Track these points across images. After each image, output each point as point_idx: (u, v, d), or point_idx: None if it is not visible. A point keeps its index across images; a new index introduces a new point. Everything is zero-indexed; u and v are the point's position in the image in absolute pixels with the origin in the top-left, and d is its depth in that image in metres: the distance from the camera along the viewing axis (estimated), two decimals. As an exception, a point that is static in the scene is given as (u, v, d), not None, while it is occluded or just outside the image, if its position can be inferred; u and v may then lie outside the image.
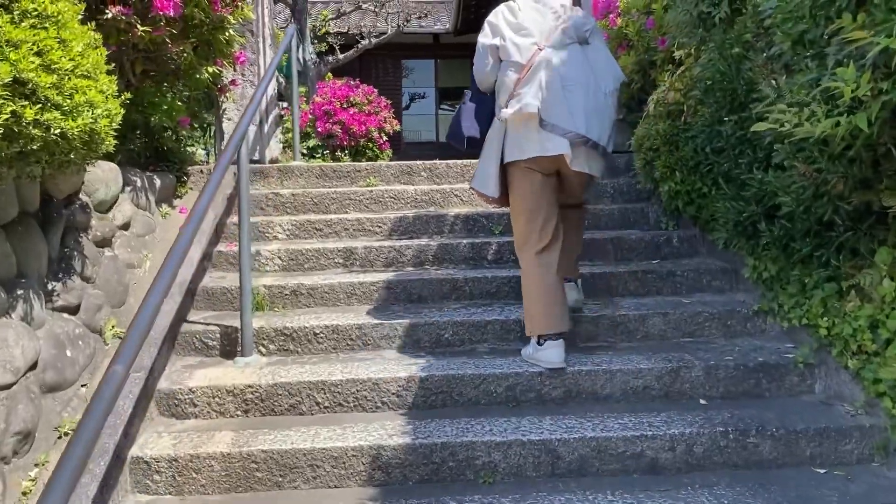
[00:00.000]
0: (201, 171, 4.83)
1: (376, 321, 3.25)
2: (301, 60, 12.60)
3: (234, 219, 4.45)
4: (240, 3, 4.73)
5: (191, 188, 4.77)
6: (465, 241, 4.00)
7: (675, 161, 3.99)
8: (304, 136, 12.27)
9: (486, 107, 3.09)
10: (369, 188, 4.72)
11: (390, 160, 12.96)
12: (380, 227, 4.26)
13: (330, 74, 14.33)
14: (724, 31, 3.34)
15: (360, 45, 12.33)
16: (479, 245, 3.98)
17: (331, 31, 13.04)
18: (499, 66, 2.97)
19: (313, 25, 12.84)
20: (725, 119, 3.30)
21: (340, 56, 12.32)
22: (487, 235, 4.22)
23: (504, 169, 2.99)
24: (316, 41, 13.18)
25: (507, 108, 2.90)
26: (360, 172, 4.93)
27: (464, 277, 3.62)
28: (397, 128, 12.68)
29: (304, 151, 12.08)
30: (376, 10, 12.71)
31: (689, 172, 3.96)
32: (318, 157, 12.01)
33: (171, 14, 3.83)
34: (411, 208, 4.57)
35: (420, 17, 13.49)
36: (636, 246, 4.01)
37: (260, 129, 5.28)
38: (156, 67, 4.36)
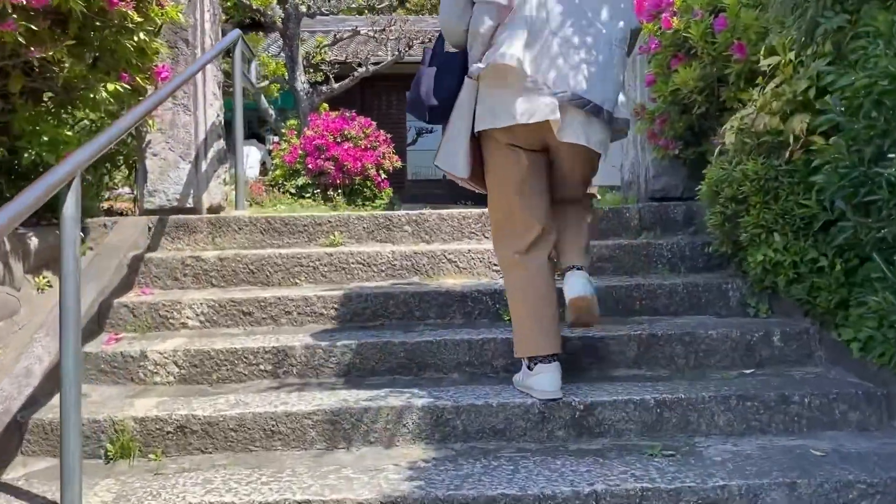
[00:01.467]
0: (105, 224, 3.54)
1: (308, 498, 1.89)
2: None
3: (134, 295, 3.14)
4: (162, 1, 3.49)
5: (90, 247, 3.49)
6: (459, 337, 2.66)
7: (774, 217, 2.66)
8: (293, 174, 11.05)
9: (454, 67, 2.41)
10: (331, 249, 3.40)
11: (390, 200, 11.71)
12: (336, 308, 2.93)
13: (325, 105, 13.20)
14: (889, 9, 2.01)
15: (356, 74, 11.16)
16: (479, 344, 2.63)
17: (326, 59, 11.90)
18: (471, 9, 2.33)
19: (306, 52, 11.70)
20: (891, 155, 1.96)
21: (335, 85, 11.15)
22: (493, 324, 2.89)
23: (478, 141, 2.38)
24: (311, 70, 12.04)
25: (478, 62, 2.30)
26: (322, 227, 3.62)
27: (454, 405, 2.26)
28: (398, 164, 11.41)
29: (293, 191, 10.85)
30: (376, 35, 11.57)
31: (799, 235, 2.62)
32: (308, 197, 10.74)
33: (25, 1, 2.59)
34: (386, 278, 3.25)
35: (424, 43, 12.34)
36: (717, 346, 2.65)
37: (195, 166, 4.01)
38: (46, 84, 3.13)
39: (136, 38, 3.31)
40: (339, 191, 10.90)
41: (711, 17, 3.34)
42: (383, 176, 11.05)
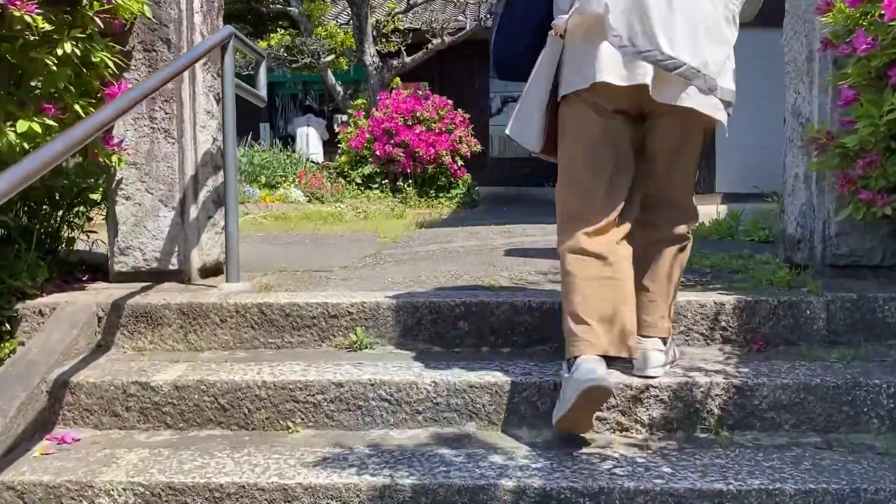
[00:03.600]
0: (41, 311, 2.53)
1: None
2: (362, 64, 10.34)
3: (39, 454, 2.11)
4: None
5: (22, 342, 2.50)
6: None
7: None
8: (359, 161, 9.96)
9: (536, 14, 2.06)
10: (345, 367, 2.26)
11: (468, 190, 10.47)
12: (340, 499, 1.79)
13: (398, 80, 11.99)
14: None
15: (430, 46, 9.89)
16: None
17: (400, 28, 10.67)
18: None
19: (377, 21, 10.50)
20: None
21: (408, 59, 9.94)
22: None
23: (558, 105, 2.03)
24: (382, 40, 10.85)
25: (564, 12, 1.96)
26: (339, 319, 2.47)
27: None
28: (476, 148, 10.18)
29: (359, 181, 9.78)
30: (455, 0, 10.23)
31: None
32: (376, 188, 9.63)
33: None
34: (424, 424, 2.09)
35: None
36: None
37: (182, 213, 2.94)
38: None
39: (64, 50, 2.22)
40: (410, 181, 9.76)
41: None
42: (460, 163, 9.84)
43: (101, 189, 3.10)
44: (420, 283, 2.94)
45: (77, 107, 2.39)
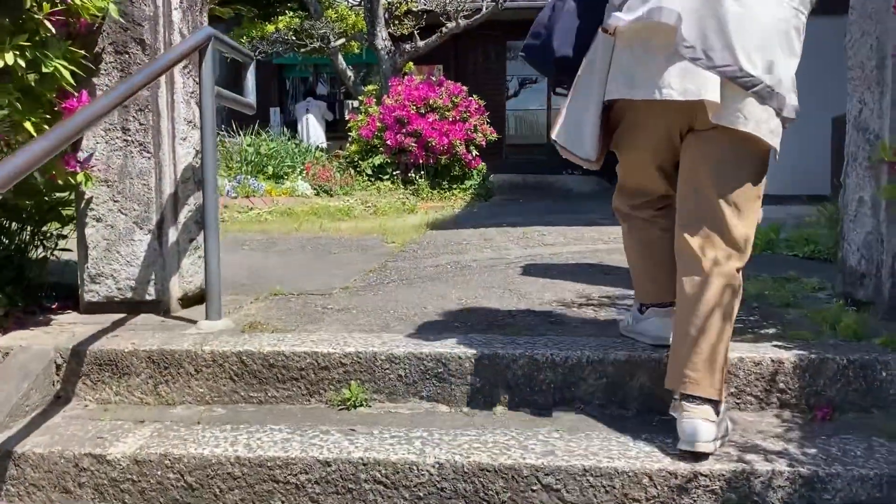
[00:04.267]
0: (-8, 355, 2.22)
1: None
2: (374, 48, 9.90)
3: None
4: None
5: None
6: None
7: None
8: (370, 151, 9.57)
9: (599, 8, 1.89)
10: (334, 437, 1.94)
11: (483, 180, 10.06)
12: None
13: (411, 65, 11.54)
14: None
15: (444, 29, 9.46)
16: None
17: (413, 9, 10.23)
18: None
19: (389, 3, 10.06)
20: None
21: (421, 43, 9.50)
22: None
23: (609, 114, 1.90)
24: (395, 22, 10.41)
25: (621, 10, 1.79)
26: (330, 371, 2.14)
27: None
28: (492, 137, 9.75)
29: (369, 172, 9.40)
30: (471, -20, 9.76)
31: None
32: (387, 179, 9.25)
33: None
34: (428, 511, 1.76)
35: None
36: None
37: (159, 236, 2.61)
38: None
39: (5, 62, 1.87)
40: (422, 171, 9.36)
41: None
42: (474, 153, 9.43)
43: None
44: (426, 316, 2.60)
45: (28, 125, 2.05)
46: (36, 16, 1.98)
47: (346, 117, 10.00)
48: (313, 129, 11.16)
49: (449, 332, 2.34)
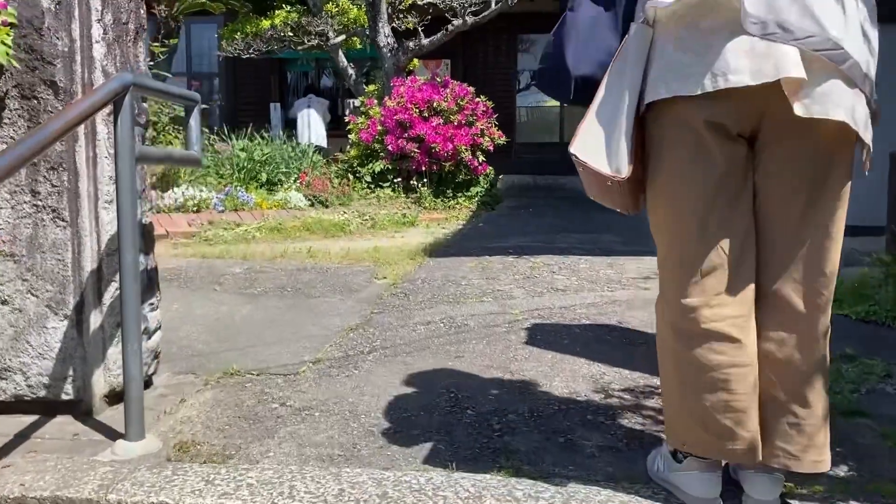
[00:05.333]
0: None
1: None
2: (377, 45, 9.32)
3: None
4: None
5: None
6: None
7: None
8: (370, 156, 9.02)
9: (616, 15, 1.56)
10: None
11: (490, 187, 9.50)
12: None
13: (416, 61, 10.96)
14: None
15: (451, 27, 8.88)
16: None
17: (418, 3, 9.65)
18: None
19: (392, -3, 9.50)
20: None
21: (425, 41, 8.93)
22: None
23: (643, 120, 1.51)
24: (399, 15, 9.85)
25: None
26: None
27: None
28: (500, 141, 9.20)
29: (369, 178, 8.84)
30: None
31: None
32: (387, 187, 8.67)
33: None
34: None
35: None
36: None
37: (78, 322, 2.12)
38: None
39: None
40: (425, 179, 8.77)
41: None
42: (481, 159, 8.88)
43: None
44: (404, 425, 2.10)
45: None
46: None
47: (346, 118, 9.46)
48: (314, 127, 10.63)
49: (431, 461, 1.84)
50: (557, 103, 14.32)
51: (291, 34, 9.11)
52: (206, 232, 6.21)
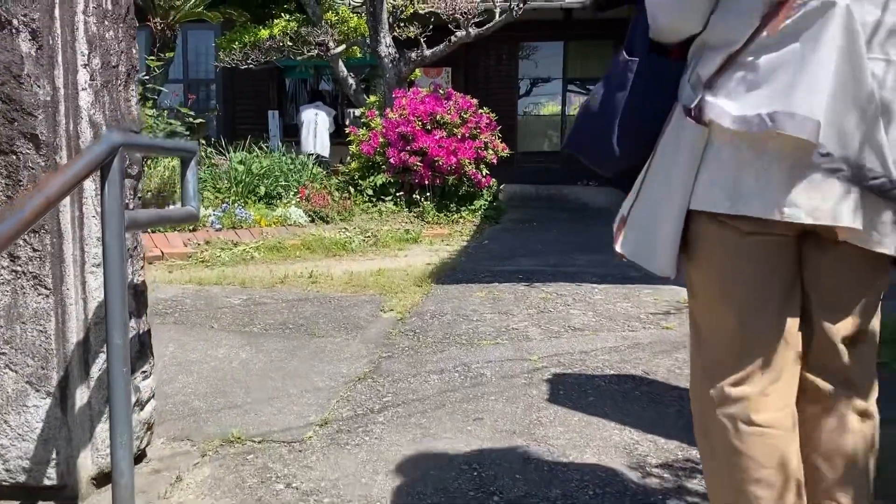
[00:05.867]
0: None
1: None
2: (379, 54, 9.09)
3: None
4: None
5: None
6: None
7: None
8: (371, 169, 8.79)
9: (667, 83, 1.41)
10: None
11: (493, 199, 9.29)
12: None
13: (418, 72, 10.74)
14: None
15: (454, 38, 8.65)
16: None
17: (420, 11, 9.44)
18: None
19: (393, 6, 9.28)
20: None
21: (427, 52, 8.71)
22: None
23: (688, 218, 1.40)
24: (401, 24, 9.64)
25: (715, 96, 1.30)
26: None
27: None
28: (504, 153, 8.99)
29: (370, 192, 8.62)
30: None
31: None
32: (389, 201, 8.44)
33: None
34: None
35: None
36: None
37: (62, 399, 1.89)
38: None
39: None
40: (428, 193, 8.53)
41: None
42: (485, 172, 8.67)
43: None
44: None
45: None
46: None
47: (346, 129, 9.24)
48: (321, 135, 10.38)
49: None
50: (559, 111, 14.16)
51: (290, 44, 8.87)
52: (202, 253, 5.99)
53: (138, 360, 2.15)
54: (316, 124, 10.62)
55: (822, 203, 1.27)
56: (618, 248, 1.49)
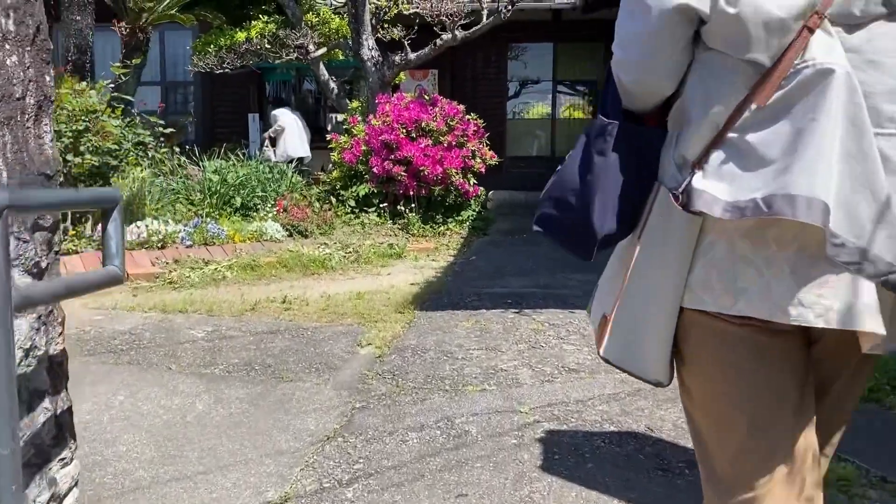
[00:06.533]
0: None
1: None
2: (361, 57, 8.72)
3: None
4: None
5: None
6: None
7: None
8: (353, 178, 8.43)
9: (645, 153, 1.21)
10: None
11: (481, 209, 8.96)
12: None
13: (403, 75, 10.40)
14: None
15: (439, 42, 8.31)
16: None
17: (405, 12, 9.09)
18: (690, 55, 1.13)
19: (377, 8, 8.92)
20: None
21: (412, 55, 8.36)
22: None
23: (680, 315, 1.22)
24: (385, 25, 9.28)
25: (704, 178, 1.10)
26: None
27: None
28: (492, 161, 8.66)
29: (353, 203, 8.27)
30: (471, -19, 8.59)
31: None
32: (372, 212, 8.08)
33: None
34: None
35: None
36: None
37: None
38: None
39: None
40: (413, 204, 8.17)
41: None
42: (472, 182, 8.34)
43: None
44: None
45: None
46: None
47: (328, 135, 8.88)
48: (290, 142, 9.92)
49: None
50: (549, 114, 13.86)
51: (268, 47, 8.50)
52: (170, 273, 5.62)
53: (55, 448, 1.80)
54: (298, 125, 10.20)
55: (836, 303, 1.07)
56: (602, 352, 1.27)
